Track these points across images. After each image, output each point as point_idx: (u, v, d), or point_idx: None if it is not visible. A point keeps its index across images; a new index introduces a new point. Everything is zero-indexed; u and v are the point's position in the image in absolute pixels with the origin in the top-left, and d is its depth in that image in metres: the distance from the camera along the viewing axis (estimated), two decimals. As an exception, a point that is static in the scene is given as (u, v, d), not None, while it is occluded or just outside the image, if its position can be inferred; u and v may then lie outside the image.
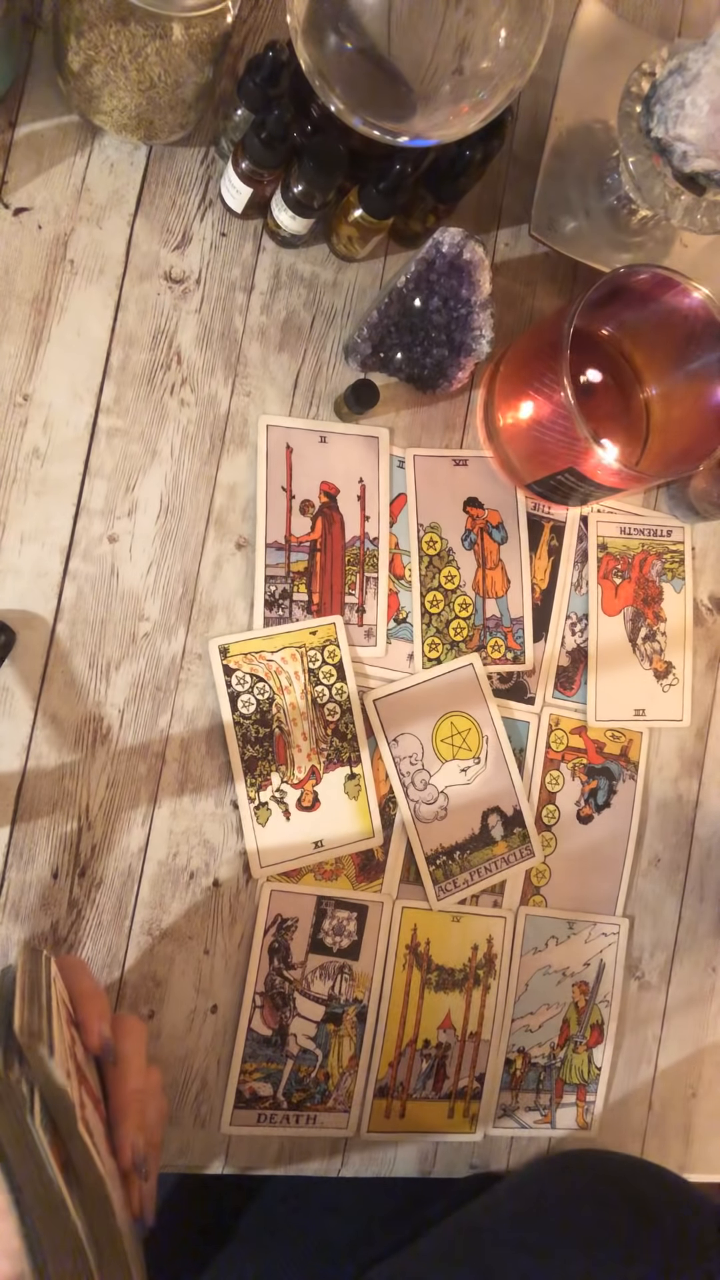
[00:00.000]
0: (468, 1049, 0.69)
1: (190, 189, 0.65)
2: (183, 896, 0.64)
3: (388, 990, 0.67)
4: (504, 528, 0.72)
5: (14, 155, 0.62)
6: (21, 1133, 0.39)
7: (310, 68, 0.55)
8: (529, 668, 0.72)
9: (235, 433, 0.66)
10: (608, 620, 0.74)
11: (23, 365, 0.61)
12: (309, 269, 0.68)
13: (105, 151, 0.64)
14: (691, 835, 0.77)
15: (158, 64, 0.55)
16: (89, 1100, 0.44)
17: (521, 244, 0.73)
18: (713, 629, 0.78)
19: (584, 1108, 0.73)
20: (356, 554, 0.68)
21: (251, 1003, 0.64)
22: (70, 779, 0.61)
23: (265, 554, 0.66)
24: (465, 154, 0.62)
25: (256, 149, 0.58)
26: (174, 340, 0.65)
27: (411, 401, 0.70)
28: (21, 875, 0.60)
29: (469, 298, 0.64)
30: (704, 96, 0.60)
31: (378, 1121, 0.67)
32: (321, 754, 0.66)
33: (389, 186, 0.60)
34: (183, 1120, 0.63)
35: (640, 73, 0.63)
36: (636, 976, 0.75)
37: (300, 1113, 0.65)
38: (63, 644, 0.62)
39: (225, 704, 0.64)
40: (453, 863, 0.69)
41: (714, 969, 0.77)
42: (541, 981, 0.71)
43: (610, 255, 0.72)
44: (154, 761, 0.63)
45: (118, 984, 0.62)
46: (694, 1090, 0.77)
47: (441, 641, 0.69)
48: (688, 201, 0.64)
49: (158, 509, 0.64)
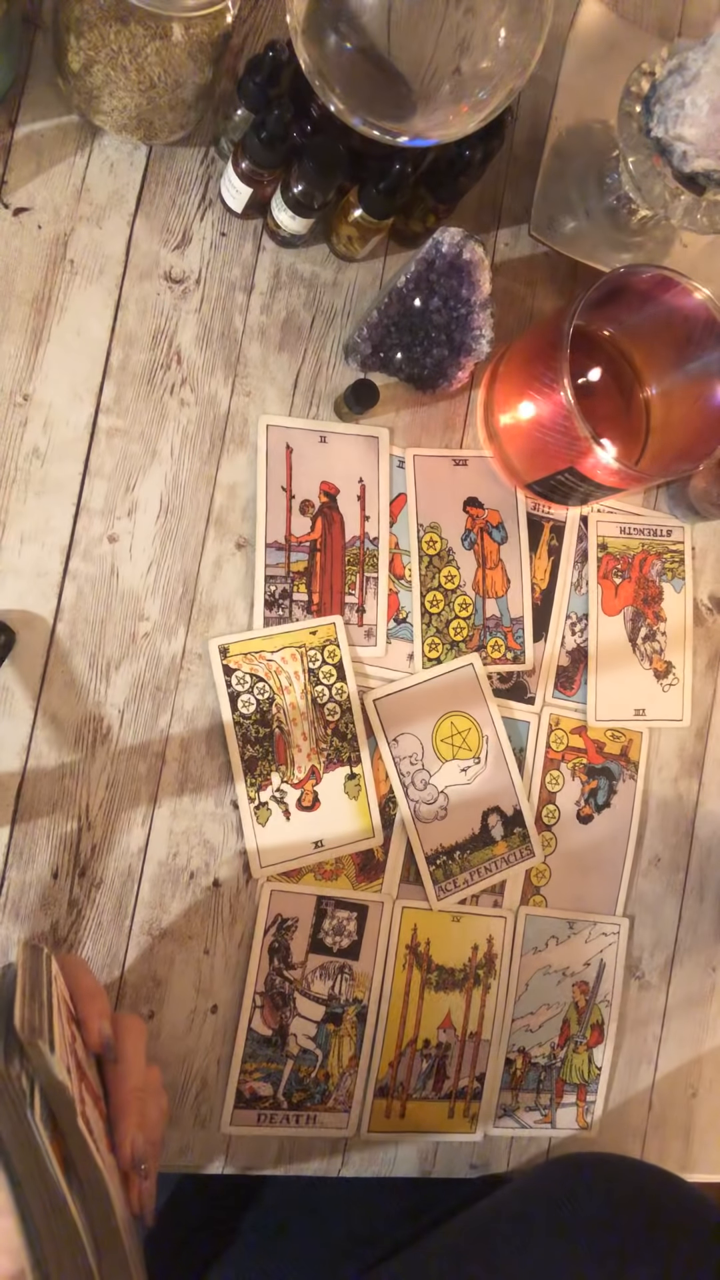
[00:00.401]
0: (468, 1049, 0.69)
1: (190, 189, 0.65)
2: (183, 896, 0.64)
3: (388, 990, 0.67)
4: (504, 528, 0.72)
5: (14, 155, 0.62)
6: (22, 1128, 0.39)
7: (310, 68, 0.56)
8: (529, 668, 0.72)
9: (235, 433, 0.66)
10: (608, 620, 0.74)
11: (23, 365, 0.62)
12: (309, 269, 0.68)
13: (105, 151, 0.64)
14: (691, 835, 0.77)
15: (158, 64, 0.55)
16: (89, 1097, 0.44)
17: (521, 244, 0.73)
18: (713, 629, 0.78)
19: (584, 1108, 0.73)
20: (356, 554, 0.68)
21: (251, 1003, 0.64)
22: (70, 779, 0.61)
23: (265, 554, 0.66)
24: (465, 154, 0.62)
25: (256, 149, 0.58)
26: (174, 340, 0.65)
27: (411, 401, 0.70)
28: (21, 875, 0.60)
29: (469, 298, 0.64)
30: (704, 96, 0.60)
31: (378, 1121, 0.67)
32: (321, 754, 0.66)
33: (389, 186, 0.60)
34: (183, 1120, 0.63)
35: (640, 73, 0.63)
36: (636, 976, 0.75)
37: (300, 1113, 0.65)
38: (63, 644, 0.62)
39: (225, 704, 0.64)
40: (453, 863, 0.69)
41: (714, 969, 0.77)
42: (541, 981, 0.71)
43: (610, 255, 0.72)
44: (154, 761, 0.63)
45: (118, 984, 0.62)
46: (694, 1090, 0.77)
47: (441, 641, 0.69)
48: (688, 201, 0.64)
49: (158, 509, 0.64)
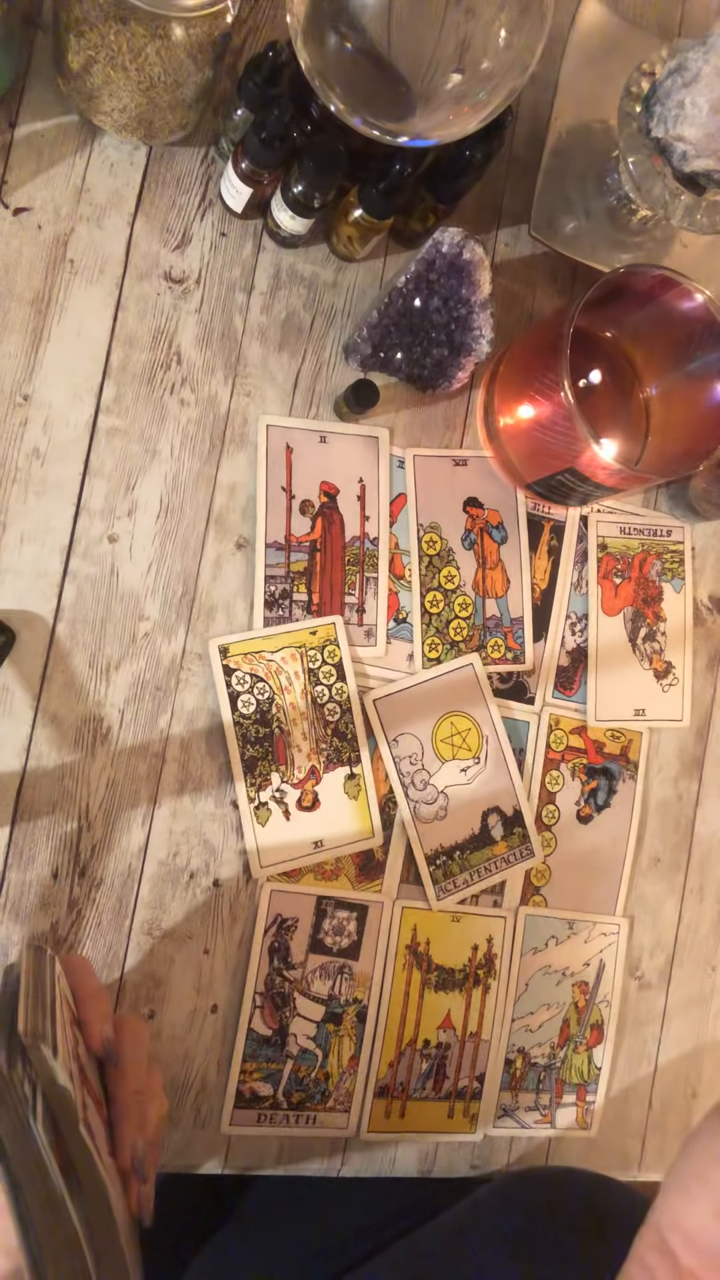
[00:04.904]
0: (468, 1049, 0.69)
1: (190, 189, 0.65)
2: (183, 896, 0.64)
3: (388, 990, 0.67)
4: (504, 528, 0.72)
5: (14, 155, 0.62)
6: (23, 1132, 0.39)
7: (310, 68, 0.55)
8: (529, 668, 0.72)
9: (235, 432, 0.66)
10: (608, 620, 0.74)
11: (23, 365, 0.61)
12: (309, 269, 0.68)
13: (105, 151, 0.64)
14: (691, 835, 0.77)
15: (158, 64, 0.55)
16: (90, 1101, 0.44)
17: (521, 244, 0.73)
18: (713, 629, 0.78)
19: (584, 1108, 0.73)
20: (356, 554, 0.68)
21: (251, 1003, 0.64)
22: (70, 779, 0.61)
23: (265, 554, 0.65)
24: (465, 154, 0.62)
25: (256, 149, 0.58)
26: (174, 340, 0.65)
27: (411, 401, 0.70)
28: (21, 875, 0.60)
29: (469, 298, 0.64)
30: (704, 96, 0.60)
31: (378, 1121, 0.67)
32: (321, 754, 0.66)
33: (389, 186, 0.60)
34: (183, 1120, 0.63)
35: (640, 73, 0.63)
36: (636, 976, 0.75)
37: (300, 1113, 0.65)
38: (63, 644, 0.62)
39: (225, 704, 0.64)
40: (453, 863, 0.69)
41: (714, 969, 0.77)
42: (541, 981, 0.71)
43: (610, 255, 0.72)
44: (154, 761, 0.63)
45: (118, 984, 0.62)
46: (694, 1090, 0.77)
47: (441, 641, 0.69)
48: (688, 201, 0.64)
49: (158, 509, 0.64)
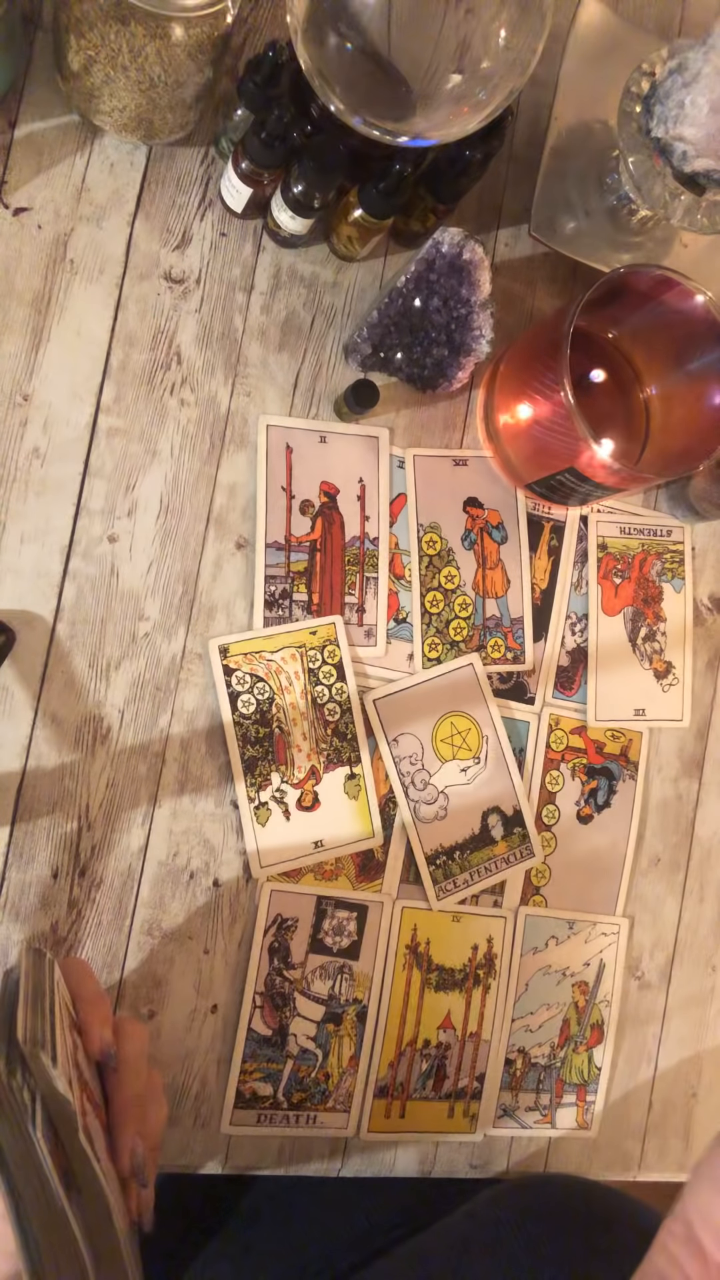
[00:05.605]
0: (468, 1049, 0.69)
1: (190, 189, 0.65)
2: (183, 896, 0.64)
3: (388, 990, 0.67)
4: (504, 528, 0.72)
5: (14, 155, 0.62)
6: (22, 1141, 0.38)
7: (310, 68, 0.55)
8: (529, 668, 0.72)
9: (235, 433, 0.66)
10: (608, 620, 0.74)
11: (23, 365, 0.61)
12: (309, 269, 0.68)
13: (105, 151, 0.64)
14: (691, 835, 0.77)
15: (158, 64, 0.55)
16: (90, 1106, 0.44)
17: (521, 244, 0.73)
18: (713, 629, 0.78)
19: (584, 1108, 0.73)
20: (356, 554, 0.68)
21: (251, 1003, 0.64)
22: (70, 779, 0.61)
23: (265, 554, 0.65)
24: (465, 154, 0.62)
25: (256, 149, 0.58)
26: (174, 340, 0.65)
27: (411, 401, 0.70)
28: (21, 875, 0.60)
29: (469, 298, 0.64)
30: (704, 96, 0.60)
31: (378, 1121, 0.67)
32: (321, 754, 0.66)
33: (389, 186, 0.60)
34: (183, 1120, 0.63)
35: (640, 73, 0.63)
36: (636, 976, 0.75)
37: (300, 1113, 0.65)
38: (63, 644, 0.62)
39: (225, 704, 0.64)
40: (453, 863, 0.69)
41: (714, 969, 0.77)
42: (541, 981, 0.71)
43: (610, 255, 0.72)
44: (154, 761, 0.63)
45: (118, 984, 0.62)
46: (694, 1090, 0.77)
47: (441, 641, 0.69)
48: (688, 201, 0.64)
49: (158, 509, 0.64)
